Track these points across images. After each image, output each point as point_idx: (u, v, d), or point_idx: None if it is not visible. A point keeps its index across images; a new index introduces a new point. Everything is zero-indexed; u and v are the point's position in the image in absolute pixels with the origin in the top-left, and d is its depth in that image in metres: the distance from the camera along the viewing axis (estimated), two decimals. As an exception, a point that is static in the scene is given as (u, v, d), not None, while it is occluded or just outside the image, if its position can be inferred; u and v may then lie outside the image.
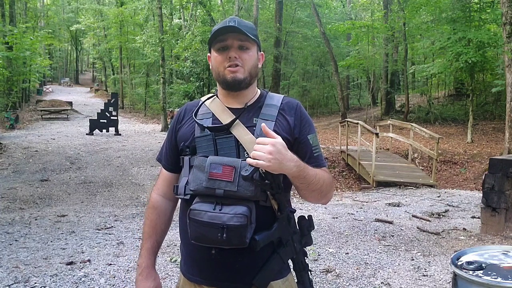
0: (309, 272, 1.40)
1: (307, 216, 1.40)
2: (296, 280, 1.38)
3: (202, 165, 1.25)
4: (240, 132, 1.31)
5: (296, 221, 1.38)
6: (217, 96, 1.45)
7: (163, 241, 1.54)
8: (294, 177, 1.25)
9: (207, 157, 1.27)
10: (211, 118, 1.38)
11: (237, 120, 1.33)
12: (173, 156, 1.46)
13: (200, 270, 1.35)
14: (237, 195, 1.21)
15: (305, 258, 1.39)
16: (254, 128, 1.33)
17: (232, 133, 1.32)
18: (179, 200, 1.46)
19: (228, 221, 1.18)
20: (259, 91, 1.46)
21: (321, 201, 1.40)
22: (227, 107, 1.39)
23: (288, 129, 1.36)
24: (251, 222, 1.21)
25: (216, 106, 1.41)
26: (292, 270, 1.39)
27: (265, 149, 1.16)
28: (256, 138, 1.25)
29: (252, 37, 1.35)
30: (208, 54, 1.45)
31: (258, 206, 1.25)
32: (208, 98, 1.46)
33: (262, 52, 1.45)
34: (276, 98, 1.43)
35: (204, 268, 1.34)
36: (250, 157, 1.21)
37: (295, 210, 1.37)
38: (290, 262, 1.38)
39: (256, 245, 1.23)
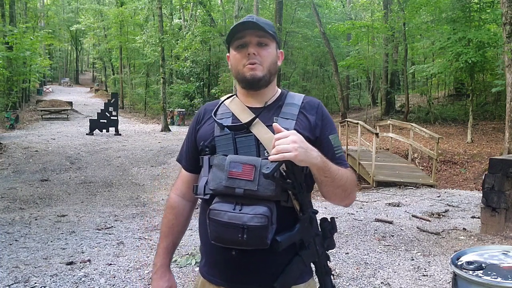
0: (332, 276, 1.36)
1: (330, 218, 1.36)
2: (318, 285, 1.35)
3: (222, 164, 1.23)
4: (260, 131, 1.30)
5: (318, 223, 1.35)
6: (237, 96, 1.43)
7: (179, 241, 1.53)
8: (319, 168, 1.20)
9: (226, 156, 1.25)
10: (231, 118, 1.37)
11: (257, 119, 1.32)
12: (193, 157, 1.45)
13: (220, 271, 1.33)
14: (257, 194, 1.19)
15: (328, 262, 1.35)
16: None
17: (252, 132, 1.30)
18: (198, 201, 1.44)
19: (249, 222, 1.16)
20: (279, 90, 1.44)
21: (345, 201, 1.35)
22: (247, 106, 1.38)
23: (309, 128, 1.34)
24: (272, 223, 1.18)
25: (236, 106, 1.39)
26: (314, 274, 1.36)
27: (288, 140, 1.14)
28: (277, 134, 1.22)
29: (271, 33, 1.33)
30: (227, 54, 1.42)
31: (279, 207, 1.22)
32: (228, 98, 1.44)
33: (281, 50, 1.42)
34: (297, 97, 1.41)
35: (224, 270, 1.31)
36: (272, 155, 1.19)
37: (317, 211, 1.33)
38: (312, 266, 1.34)
39: (278, 246, 1.20)
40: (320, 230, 1.33)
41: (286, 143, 1.13)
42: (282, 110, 1.36)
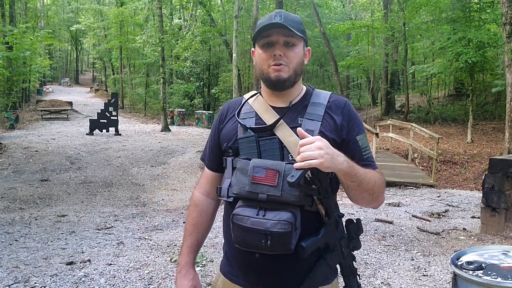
0: (358, 277, 1.35)
1: (355, 220, 1.34)
2: (344, 285, 1.34)
3: (245, 168, 1.20)
4: (284, 133, 1.26)
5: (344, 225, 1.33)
6: (261, 94, 1.39)
7: (204, 240, 1.52)
8: (345, 173, 1.17)
9: (250, 159, 1.22)
10: (254, 118, 1.33)
11: (281, 120, 1.28)
12: (216, 156, 1.43)
13: (244, 273, 1.31)
14: (281, 200, 1.16)
15: (354, 262, 1.34)
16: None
17: (276, 134, 1.26)
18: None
19: (272, 228, 1.14)
20: (304, 88, 1.39)
21: (372, 204, 1.32)
22: (270, 106, 1.34)
23: (335, 130, 1.30)
24: (295, 228, 1.16)
25: (260, 105, 1.35)
26: (339, 274, 1.35)
27: (313, 146, 1.10)
28: (301, 139, 1.17)
29: (299, 34, 1.28)
30: (252, 49, 1.38)
31: (303, 211, 1.20)
32: (251, 96, 1.40)
33: (308, 48, 1.38)
34: (323, 96, 1.36)
35: (248, 272, 1.30)
36: (296, 161, 1.13)
37: (343, 215, 1.30)
38: (337, 266, 1.33)
39: (303, 252, 1.18)
40: (345, 232, 1.31)
41: (311, 149, 1.09)
42: (307, 110, 1.32)
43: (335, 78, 21.85)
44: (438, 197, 7.58)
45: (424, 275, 3.81)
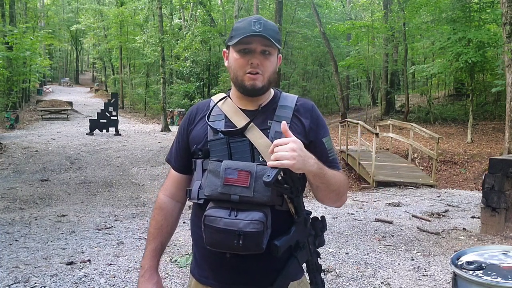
0: (323, 273, 1.38)
1: (320, 217, 1.38)
2: (309, 281, 1.37)
3: (217, 170, 1.22)
4: (255, 135, 1.29)
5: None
6: (229, 97, 1.41)
7: (168, 243, 1.53)
8: (315, 175, 1.22)
9: (221, 161, 1.24)
10: (224, 120, 1.35)
11: (252, 123, 1.31)
12: (183, 158, 1.44)
13: (214, 273, 1.33)
14: (253, 200, 1.19)
15: (318, 258, 1.38)
16: (269, 130, 1.31)
17: (246, 137, 1.29)
18: (187, 202, 1.43)
19: (245, 228, 1.16)
20: (272, 91, 1.43)
21: (337, 203, 1.39)
22: (240, 108, 1.36)
23: (303, 132, 1.34)
24: (267, 228, 1.19)
25: (229, 108, 1.37)
26: (305, 271, 1.38)
27: (287, 147, 1.14)
28: (271, 140, 1.22)
29: (276, 44, 1.32)
30: (224, 49, 1.40)
31: (274, 211, 1.23)
32: (221, 99, 1.41)
33: (280, 55, 1.41)
34: (290, 99, 1.40)
35: (219, 272, 1.31)
36: (271, 161, 1.16)
37: (311, 212, 1.35)
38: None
39: (277, 250, 1.21)
40: (312, 229, 1.35)
41: (284, 150, 1.13)
42: (275, 113, 1.35)
43: (335, 78, 21.85)
44: (438, 197, 7.58)
45: (424, 275, 3.81)
